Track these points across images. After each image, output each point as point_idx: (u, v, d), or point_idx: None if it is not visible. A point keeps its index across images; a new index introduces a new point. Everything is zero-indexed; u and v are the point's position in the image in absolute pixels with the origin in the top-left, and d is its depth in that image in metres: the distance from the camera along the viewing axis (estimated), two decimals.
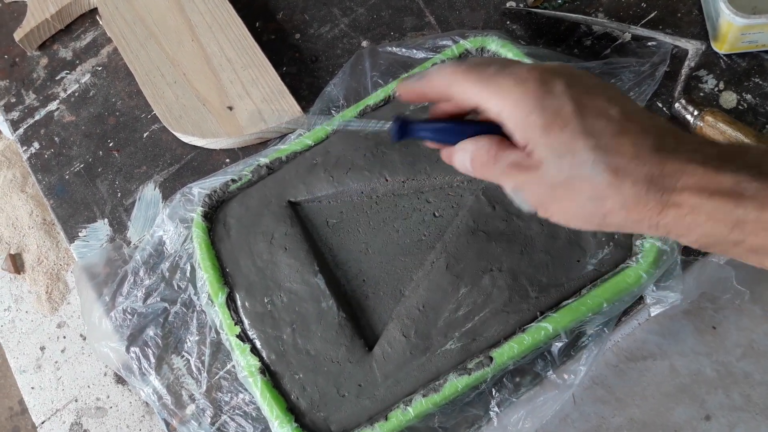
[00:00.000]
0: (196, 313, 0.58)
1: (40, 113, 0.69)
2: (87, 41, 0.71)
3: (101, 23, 0.71)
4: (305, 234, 0.56)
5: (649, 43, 0.61)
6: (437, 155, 0.57)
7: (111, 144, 0.67)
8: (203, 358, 0.56)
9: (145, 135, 0.66)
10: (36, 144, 0.68)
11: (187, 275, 0.58)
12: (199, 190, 0.59)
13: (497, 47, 0.59)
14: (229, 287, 0.55)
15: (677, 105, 0.57)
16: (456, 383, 0.49)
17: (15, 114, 0.69)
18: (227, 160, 0.64)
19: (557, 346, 0.51)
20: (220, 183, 0.59)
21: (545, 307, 0.51)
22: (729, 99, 0.59)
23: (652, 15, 0.63)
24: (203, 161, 0.64)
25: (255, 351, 0.53)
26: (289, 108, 0.62)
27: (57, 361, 0.65)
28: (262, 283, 0.55)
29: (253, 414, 0.54)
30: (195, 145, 0.65)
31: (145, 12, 0.69)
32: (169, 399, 0.56)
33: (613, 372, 1.38)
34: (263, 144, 0.64)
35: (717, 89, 0.59)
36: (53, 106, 0.69)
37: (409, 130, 0.38)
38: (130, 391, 0.62)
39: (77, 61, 0.71)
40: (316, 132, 0.60)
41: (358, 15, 0.68)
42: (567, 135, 0.31)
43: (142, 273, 0.59)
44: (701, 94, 0.59)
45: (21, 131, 0.69)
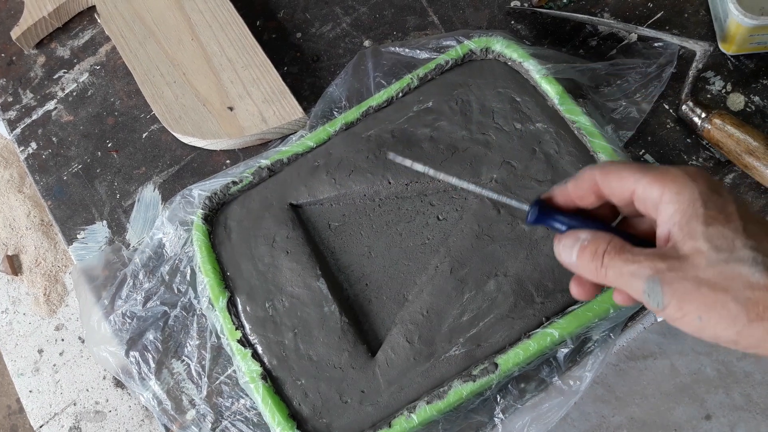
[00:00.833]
0: (196, 317, 0.57)
1: (37, 113, 0.68)
2: (85, 40, 0.70)
3: (99, 21, 0.70)
4: (307, 237, 0.56)
5: (656, 44, 0.60)
6: (441, 157, 0.56)
7: (110, 144, 0.66)
8: (204, 362, 0.56)
9: (144, 135, 0.65)
10: (33, 144, 0.67)
11: (188, 278, 0.58)
12: (200, 192, 0.58)
13: (502, 47, 0.58)
14: (230, 291, 0.55)
15: (684, 107, 0.56)
16: (460, 390, 0.48)
17: (12, 113, 0.69)
18: (227, 161, 0.63)
19: (563, 351, 0.51)
20: (220, 185, 0.58)
21: (551, 313, 0.50)
22: (737, 101, 0.58)
23: (658, 15, 0.62)
24: (203, 162, 0.63)
25: (256, 356, 0.52)
26: (291, 109, 0.61)
27: (55, 364, 0.65)
28: (263, 287, 0.54)
29: (255, 420, 0.53)
30: (195, 146, 0.64)
31: (144, 10, 0.68)
32: (169, 404, 0.55)
33: (614, 371, 1.38)
34: (264, 145, 0.63)
35: (724, 91, 0.58)
36: (51, 105, 0.68)
37: (548, 217, 0.38)
38: (129, 395, 0.61)
39: (75, 60, 0.70)
40: (317, 133, 0.59)
41: (360, 14, 0.67)
42: (729, 231, 0.31)
43: (141, 276, 0.58)
44: (708, 95, 0.59)
45: (18, 131, 0.68)
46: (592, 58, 0.61)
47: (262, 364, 0.52)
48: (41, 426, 0.62)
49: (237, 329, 0.53)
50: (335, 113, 0.61)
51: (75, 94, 0.68)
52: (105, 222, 0.63)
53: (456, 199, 0.55)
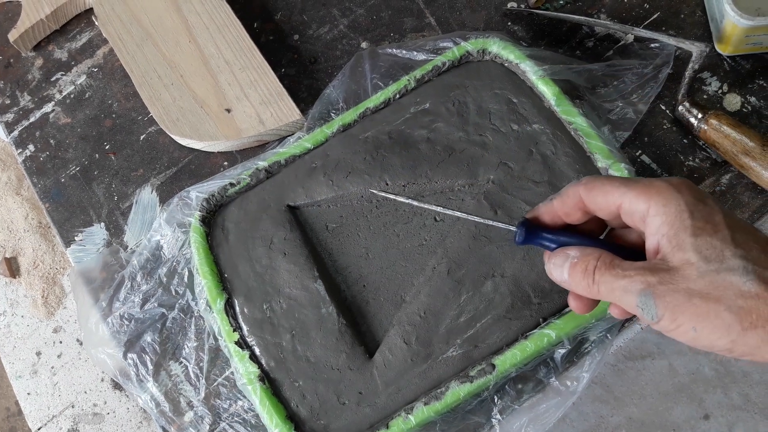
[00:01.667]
0: (194, 319, 0.57)
1: (35, 115, 0.68)
2: (82, 42, 0.71)
3: (97, 24, 0.70)
4: (304, 239, 0.56)
5: (652, 45, 0.60)
6: (438, 159, 0.56)
7: (107, 147, 0.66)
8: (201, 364, 0.56)
9: (142, 137, 0.65)
10: (31, 146, 0.67)
11: (185, 280, 0.58)
12: (197, 194, 0.58)
13: (499, 49, 0.58)
14: (228, 293, 0.55)
15: (681, 108, 0.57)
16: (458, 391, 0.48)
17: (9, 116, 0.69)
18: (225, 163, 0.63)
19: (560, 352, 0.51)
20: (218, 187, 0.58)
21: (548, 314, 0.51)
22: (733, 101, 0.58)
23: (654, 16, 0.62)
24: (201, 164, 0.63)
25: (254, 358, 0.52)
26: (288, 110, 0.61)
27: (53, 367, 0.65)
28: (261, 289, 0.54)
29: (252, 422, 0.53)
30: (192, 148, 0.64)
31: (142, 12, 0.68)
32: (167, 406, 0.55)
33: (612, 371, 1.38)
34: (262, 147, 0.63)
35: (721, 91, 0.59)
36: (48, 107, 0.68)
37: (536, 237, 0.38)
38: (127, 397, 0.61)
39: (73, 62, 0.70)
40: (315, 135, 0.59)
41: (357, 16, 0.67)
42: (717, 240, 0.31)
43: (139, 278, 0.58)
44: (705, 96, 0.59)
45: (16, 133, 0.68)
46: (588, 59, 0.61)
47: (259, 365, 0.52)
48: (39, 428, 0.62)
49: (235, 331, 0.53)
50: (332, 115, 0.61)
51: (72, 96, 0.68)
52: (103, 224, 0.63)
53: (453, 200, 0.55)
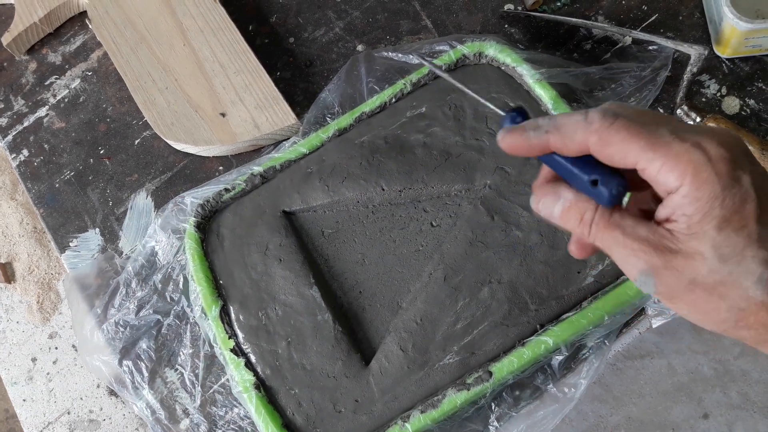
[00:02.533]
0: (189, 326, 0.57)
1: (29, 119, 0.68)
2: (76, 45, 0.70)
3: (91, 27, 0.69)
4: (300, 245, 0.55)
5: (650, 47, 0.59)
6: (434, 163, 0.56)
7: (102, 151, 0.65)
8: (197, 371, 0.55)
9: (137, 142, 0.65)
10: (25, 151, 0.67)
11: (180, 287, 0.57)
12: (192, 199, 0.58)
13: (495, 52, 0.57)
14: (223, 300, 0.54)
15: (679, 111, 0.56)
16: (455, 399, 0.48)
17: (3, 120, 0.68)
18: (220, 167, 0.63)
19: (557, 359, 0.50)
20: (212, 192, 0.57)
21: (545, 320, 0.50)
22: (732, 104, 0.58)
23: (653, 18, 0.61)
24: (196, 169, 0.63)
25: (249, 365, 0.52)
26: (283, 115, 0.61)
27: (49, 373, 0.64)
28: (256, 296, 0.54)
29: (248, 429, 0.53)
30: (187, 153, 0.63)
31: (136, 15, 0.67)
32: (163, 413, 0.55)
33: (611, 371, 1.38)
34: (257, 151, 0.62)
35: (719, 94, 0.58)
36: (42, 112, 0.68)
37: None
38: (123, 403, 0.61)
39: (67, 66, 0.69)
40: (310, 140, 0.58)
41: (353, 18, 0.66)
42: (741, 239, 0.29)
43: (134, 284, 0.58)
44: (703, 99, 0.58)
45: (9, 138, 0.67)
46: (586, 61, 0.61)
47: (255, 373, 0.52)
48: None
49: (230, 338, 0.53)
50: (328, 119, 0.61)
51: (67, 100, 0.68)
52: (98, 230, 0.63)
53: (449, 206, 0.55)
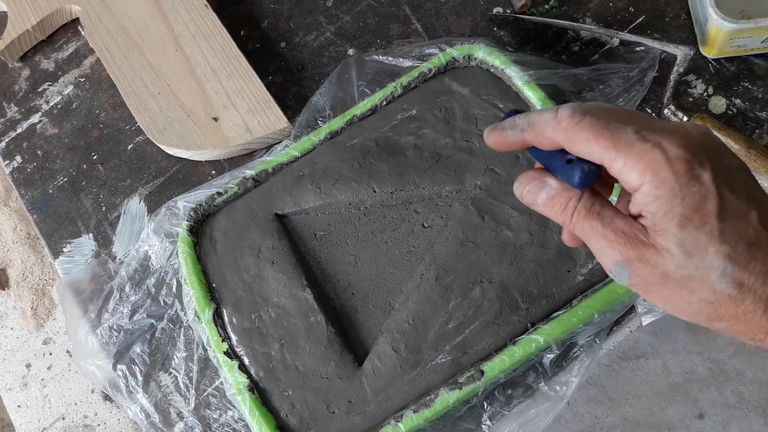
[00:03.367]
0: (183, 329, 0.57)
1: (22, 126, 0.68)
2: (69, 52, 0.70)
3: (83, 34, 0.69)
4: (293, 247, 0.56)
5: (638, 48, 0.60)
6: (425, 165, 0.56)
7: (95, 157, 0.65)
8: (191, 374, 0.56)
9: (130, 147, 0.65)
10: (18, 158, 0.67)
11: (174, 291, 0.58)
12: (185, 203, 0.58)
13: (484, 55, 0.58)
14: (216, 303, 0.55)
15: (666, 111, 0.57)
16: (447, 398, 0.48)
17: None
18: (213, 171, 0.63)
19: (549, 357, 0.51)
20: (205, 196, 0.58)
21: (536, 319, 0.51)
22: (718, 104, 0.58)
23: (640, 20, 0.62)
24: (188, 173, 0.63)
25: (243, 368, 0.52)
26: (275, 119, 0.61)
27: (43, 379, 0.64)
28: (249, 299, 0.54)
29: None
30: (180, 157, 0.64)
31: (128, 22, 0.68)
32: (157, 417, 0.55)
33: (606, 372, 1.38)
34: (249, 155, 0.63)
35: (706, 94, 0.59)
36: (36, 118, 0.68)
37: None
38: (118, 408, 0.61)
39: (60, 73, 0.70)
40: (302, 143, 0.59)
41: (344, 23, 0.67)
42: (703, 235, 0.30)
43: (127, 289, 0.58)
44: (690, 99, 0.59)
45: (3, 145, 0.68)
46: (574, 63, 0.61)
47: (248, 375, 0.52)
48: None
49: (223, 341, 0.53)
50: (319, 122, 0.61)
51: (60, 106, 0.68)
52: (91, 235, 0.63)
53: (441, 207, 0.55)
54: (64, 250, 0.63)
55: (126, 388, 0.56)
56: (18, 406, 0.64)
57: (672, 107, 0.56)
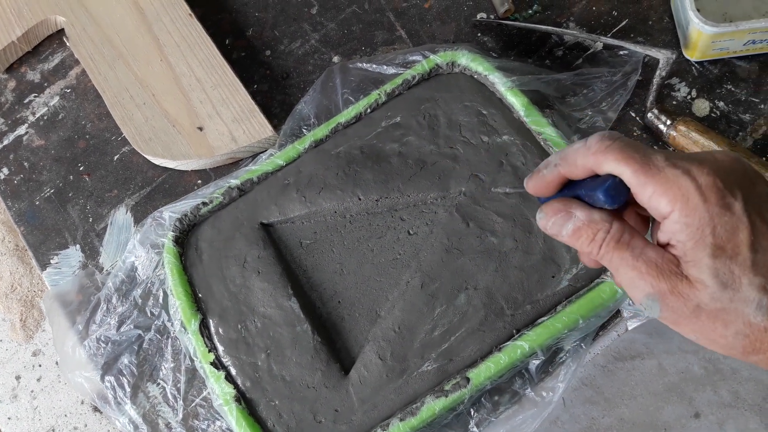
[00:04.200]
0: (170, 340, 0.57)
1: (8, 138, 0.68)
2: (55, 63, 0.70)
3: (68, 45, 0.69)
4: (278, 256, 0.56)
5: (621, 52, 0.60)
6: (410, 172, 0.56)
7: (81, 168, 0.66)
8: (179, 385, 0.56)
9: (116, 158, 0.65)
10: (5, 170, 0.67)
11: (160, 301, 0.58)
12: (170, 214, 0.58)
13: (467, 61, 0.58)
14: (202, 313, 0.55)
15: (650, 115, 0.57)
16: (433, 406, 0.48)
17: None
18: (199, 181, 0.63)
19: (535, 363, 0.51)
20: (190, 206, 0.58)
21: (521, 325, 0.51)
22: (702, 107, 0.58)
23: (623, 23, 0.62)
24: (175, 183, 0.63)
25: (230, 378, 0.52)
26: (260, 127, 0.61)
27: (33, 390, 0.64)
28: (235, 309, 0.54)
29: None
30: (166, 167, 0.64)
31: (113, 32, 0.68)
32: (145, 428, 0.55)
33: (602, 372, 1.38)
34: (235, 164, 0.63)
35: (689, 97, 0.59)
36: (22, 130, 0.68)
37: None
38: (108, 420, 0.61)
39: (45, 84, 0.70)
40: (287, 151, 0.59)
41: (328, 30, 0.67)
42: (736, 266, 0.29)
43: (114, 300, 0.58)
44: (674, 102, 0.59)
45: None
46: (558, 68, 0.61)
47: (235, 386, 0.52)
48: None
49: (210, 351, 0.53)
50: (304, 131, 0.61)
51: (46, 118, 0.68)
52: (78, 246, 0.63)
53: (426, 214, 0.55)
54: (51, 261, 0.63)
55: (114, 399, 0.56)
56: (8, 418, 0.64)
57: (655, 111, 0.57)
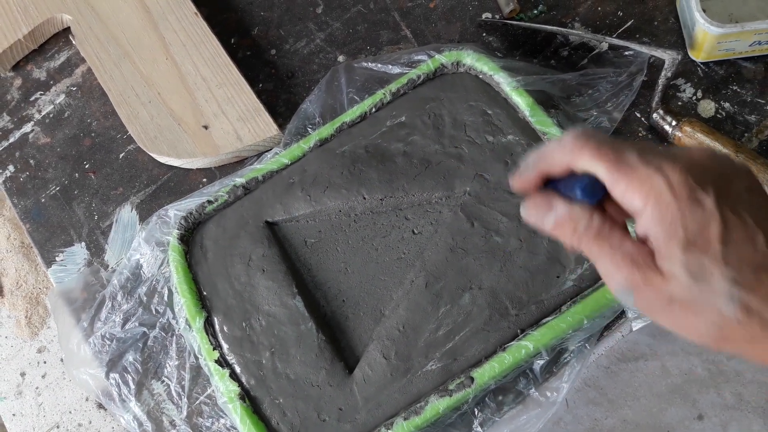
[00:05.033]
0: (175, 337, 0.57)
1: (14, 135, 0.68)
2: (61, 61, 0.71)
3: (74, 43, 0.70)
4: (283, 255, 0.56)
5: (627, 53, 0.60)
6: (414, 172, 0.56)
7: (87, 166, 0.66)
8: (183, 383, 0.56)
9: (121, 156, 0.65)
10: (11, 167, 0.67)
11: (165, 299, 0.58)
12: (175, 212, 0.58)
13: (472, 61, 0.58)
14: (207, 311, 0.55)
15: (655, 115, 0.57)
16: (437, 405, 0.49)
17: None
18: (204, 179, 0.63)
19: (539, 363, 0.51)
20: (196, 205, 0.58)
21: (525, 325, 0.51)
22: (707, 108, 0.58)
23: (628, 24, 0.62)
24: (180, 181, 0.63)
25: (234, 376, 0.52)
26: (265, 126, 0.61)
27: (38, 387, 0.65)
28: (240, 307, 0.54)
29: None
30: (171, 165, 0.64)
31: (119, 31, 0.68)
32: (150, 425, 0.55)
33: (605, 373, 1.38)
34: (240, 162, 0.63)
35: (695, 98, 0.59)
36: (28, 128, 0.68)
37: None
38: (112, 416, 0.61)
39: (51, 82, 0.70)
40: (292, 150, 0.59)
41: (333, 29, 0.67)
42: (707, 260, 0.30)
43: (119, 297, 0.58)
44: (679, 103, 0.59)
45: None
46: (563, 68, 0.61)
47: (240, 383, 0.52)
48: None
49: (214, 349, 0.53)
50: (309, 130, 0.61)
51: (52, 116, 0.68)
52: (83, 243, 0.63)
53: (430, 213, 0.55)
54: (56, 258, 0.63)
55: (119, 396, 0.56)
56: (13, 414, 0.64)
57: (660, 112, 0.56)
